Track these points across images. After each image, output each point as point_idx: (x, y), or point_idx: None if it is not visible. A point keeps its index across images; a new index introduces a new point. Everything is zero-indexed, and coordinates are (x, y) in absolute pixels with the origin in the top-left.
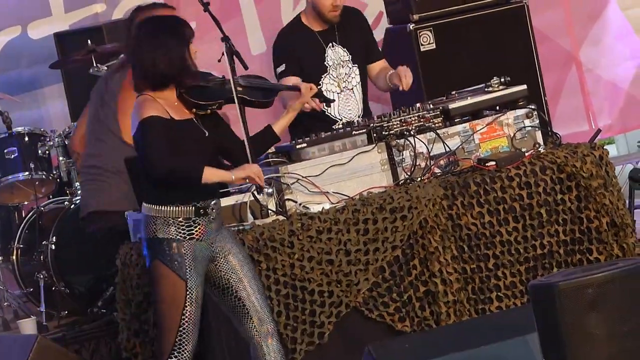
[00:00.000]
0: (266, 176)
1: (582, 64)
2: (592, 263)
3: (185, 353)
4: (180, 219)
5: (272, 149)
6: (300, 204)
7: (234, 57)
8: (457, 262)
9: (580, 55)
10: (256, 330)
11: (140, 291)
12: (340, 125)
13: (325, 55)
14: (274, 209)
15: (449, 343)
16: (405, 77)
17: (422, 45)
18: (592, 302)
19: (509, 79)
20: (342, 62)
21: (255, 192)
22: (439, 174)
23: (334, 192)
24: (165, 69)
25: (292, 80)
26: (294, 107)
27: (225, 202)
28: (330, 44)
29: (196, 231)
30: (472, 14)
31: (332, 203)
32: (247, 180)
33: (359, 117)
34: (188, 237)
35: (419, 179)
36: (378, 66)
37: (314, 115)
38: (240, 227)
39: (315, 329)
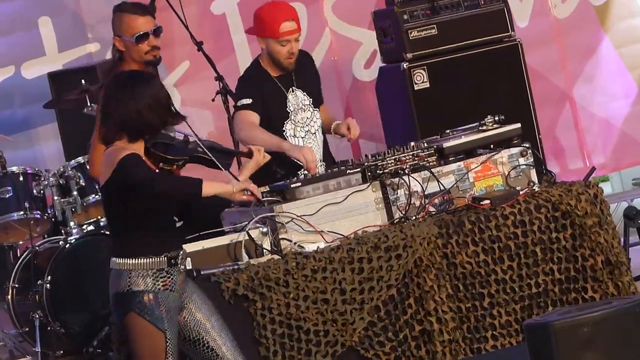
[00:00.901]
0: (260, 215)
1: (575, 102)
2: (587, 302)
3: None
4: (155, 270)
5: (266, 188)
6: (295, 243)
7: (228, 95)
8: (452, 301)
9: (574, 93)
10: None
11: None
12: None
13: (287, 100)
14: (269, 248)
15: None
16: (354, 129)
17: (415, 83)
18: (587, 341)
19: (503, 117)
20: (303, 106)
21: (254, 205)
22: (433, 213)
23: (328, 231)
24: (149, 118)
25: (252, 116)
26: (248, 167)
27: (220, 241)
28: (290, 89)
29: (169, 281)
30: (465, 52)
31: (327, 242)
32: (245, 195)
33: (320, 160)
34: (162, 288)
35: (414, 217)
36: (327, 114)
37: (280, 161)
38: (235, 267)
39: None
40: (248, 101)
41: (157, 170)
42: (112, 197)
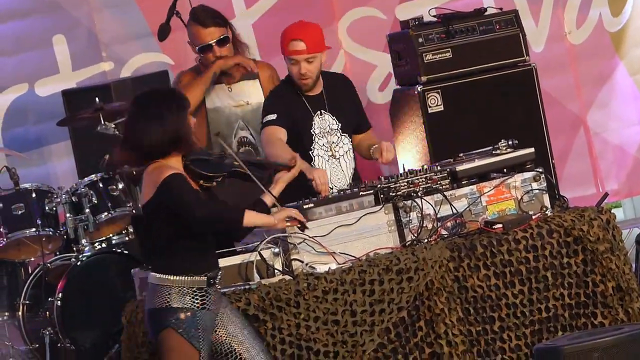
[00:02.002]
0: (272, 236)
1: (590, 128)
2: (597, 327)
3: None
4: (195, 289)
5: (277, 207)
6: (306, 264)
7: None
8: (462, 324)
9: (588, 119)
10: None
11: (146, 349)
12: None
13: (313, 123)
14: (280, 269)
15: None
16: (387, 152)
17: (429, 107)
18: None
19: (516, 141)
20: (330, 130)
21: (299, 230)
22: (445, 236)
23: (340, 253)
24: (161, 139)
25: (278, 131)
26: (283, 180)
27: (232, 261)
28: (319, 112)
29: (207, 300)
30: (480, 76)
31: (339, 263)
32: (288, 222)
33: (347, 184)
34: (200, 306)
35: (426, 240)
36: (366, 137)
37: (305, 181)
38: (247, 287)
39: None
40: (273, 117)
41: (197, 188)
42: (155, 216)
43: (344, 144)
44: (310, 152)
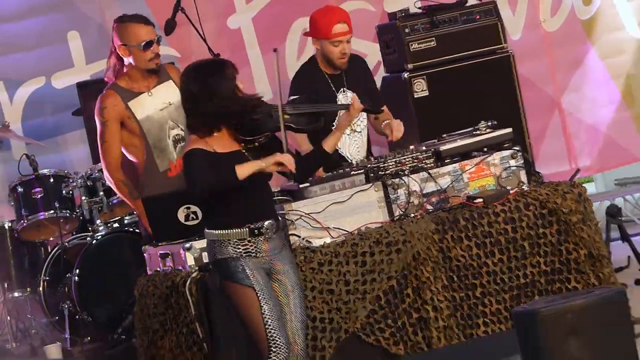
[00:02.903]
0: None
1: (564, 109)
2: (571, 291)
3: (281, 346)
4: (235, 240)
5: (277, 187)
6: (303, 239)
7: None
8: (447, 291)
9: (563, 101)
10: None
11: (157, 320)
12: (353, 165)
13: (337, 100)
14: None
15: None
16: (396, 131)
17: (416, 92)
18: (571, 327)
19: (495, 122)
20: None
21: (288, 177)
22: (430, 211)
23: (334, 228)
24: (216, 110)
25: None
26: (341, 125)
27: None
28: (341, 89)
29: (251, 248)
30: (462, 63)
31: (333, 237)
32: (279, 168)
33: (365, 156)
34: (244, 254)
35: (413, 215)
36: (380, 115)
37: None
38: None
39: (317, 352)
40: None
41: (238, 148)
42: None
43: (363, 118)
44: (332, 126)
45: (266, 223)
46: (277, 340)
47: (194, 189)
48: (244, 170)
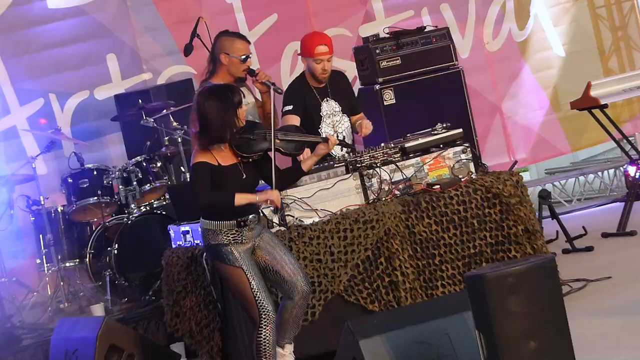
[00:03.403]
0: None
1: (504, 113)
2: (511, 259)
3: (269, 311)
4: (225, 230)
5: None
6: (296, 218)
7: None
8: (412, 259)
9: (503, 107)
10: (289, 291)
11: (180, 283)
12: (336, 159)
13: (321, 107)
14: (278, 222)
15: (407, 319)
16: (365, 128)
17: (385, 100)
18: (511, 287)
19: (449, 124)
20: (334, 112)
21: (272, 212)
22: (398, 195)
23: (321, 209)
24: (216, 129)
25: (294, 119)
26: (318, 153)
27: None
28: (325, 99)
29: (238, 236)
30: (422, 77)
31: (320, 217)
32: (268, 202)
33: (346, 154)
34: (233, 241)
35: (384, 198)
36: (355, 118)
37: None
38: None
39: (309, 309)
40: (290, 107)
41: (235, 162)
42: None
43: (345, 121)
44: (319, 130)
45: (250, 216)
46: (265, 307)
47: (197, 201)
48: (240, 200)
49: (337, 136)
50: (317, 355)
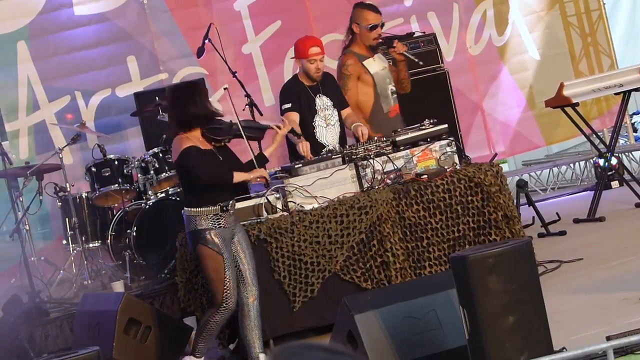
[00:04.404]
0: (274, 186)
1: (485, 110)
2: (492, 242)
3: (231, 303)
4: (211, 215)
5: (278, 167)
6: (297, 204)
7: (253, 107)
8: (402, 242)
9: (484, 105)
10: (246, 293)
11: (192, 263)
12: (329, 149)
13: (315, 102)
14: (281, 208)
15: (397, 295)
16: (364, 136)
17: None
18: (491, 267)
19: (436, 120)
20: (327, 107)
21: (264, 186)
22: (389, 184)
23: (320, 196)
24: (195, 116)
25: (293, 115)
26: (277, 139)
27: (248, 203)
28: (318, 95)
29: (222, 222)
30: (412, 77)
31: (319, 203)
32: (259, 179)
33: (338, 143)
34: (217, 226)
35: (377, 187)
36: (345, 112)
37: (310, 141)
38: (258, 220)
39: (308, 287)
40: (288, 105)
41: (210, 147)
42: (180, 171)
43: (335, 115)
44: (313, 122)
45: (231, 202)
46: (229, 299)
47: (199, 180)
48: (238, 177)
49: (329, 129)
50: (316, 328)
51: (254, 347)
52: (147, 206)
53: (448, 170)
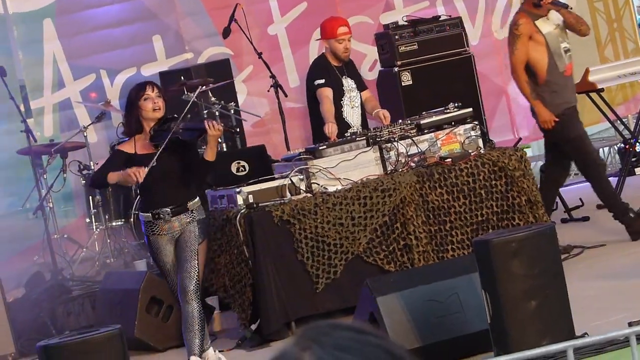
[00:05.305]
0: (299, 167)
1: (509, 95)
2: (515, 227)
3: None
4: (146, 222)
5: (302, 149)
6: (321, 186)
7: (279, 88)
8: (425, 225)
9: (508, 89)
10: (180, 293)
11: (215, 243)
12: (352, 130)
13: (342, 82)
14: (304, 189)
15: (420, 279)
16: (386, 119)
17: (403, 82)
18: (514, 252)
19: (460, 104)
20: (352, 88)
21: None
22: (413, 167)
23: (344, 178)
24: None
25: (327, 90)
26: (211, 140)
27: (272, 184)
28: (344, 76)
29: (156, 229)
30: (437, 60)
31: (343, 185)
32: (129, 178)
33: (360, 124)
34: (152, 233)
35: (400, 170)
36: (364, 94)
37: (337, 121)
38: (282, 201)
39: (331, 268)
40: (322, 81)
41: (153, 152)
42: None
43: (358, 98)
44: (341, 102)
45: (163, 209)
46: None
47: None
48: (110, 177)
49: (354, 110)
50: (338, 309)
51: (189, 348)
52: None
53: (472, 154)
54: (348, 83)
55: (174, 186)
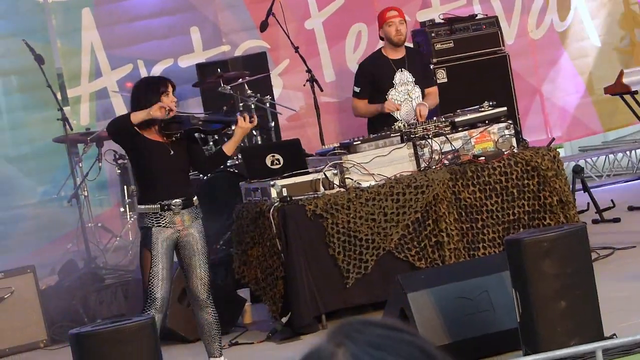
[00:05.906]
0: (332, 162)
1: (543, 95)
2: (546, 226)
3: (155, 299)
4: (150, 214)
5: (337, 144)
6: (354, 181)
7: (314, 82)
8: (457, 223)
9: (543, 89)
10: (192, 299)
11: (248, 235)
12: (398, 124)
13: (395, 76)
14: (338, 184)
15: (451, 276)
16: (420, 116)
17: (438, 79)
18: (546, 251)
19: (494, 103)
20: (407, 82)
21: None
22: (447, 164)
23: (377, 174)
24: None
25: (360, 102)
26: (237, 135)
27: (306, 178)
28: (400, 69)
29: (162, 221)
30: (472, 59)
31: (376, 181)
32: (161, 110)
33: (411, 118)
34: (156, 225)
35: (434, 167)
36: (428, 90)
37: (387, 115)
38: (315, 195)
39: (362, 263)
40: (357, 90)
41: (166, 142)
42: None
43: (416, 91)
44: (386, 95)
45: (174, 200)
46: (153, 294)
47: (107, 131)
48: (135, 116)
49: (407, 103)
50: (368, 304)
51: (208, 350)
52: (206, 178)
53: (505, 152)
54: (404, 76)
55: (182, 179)
